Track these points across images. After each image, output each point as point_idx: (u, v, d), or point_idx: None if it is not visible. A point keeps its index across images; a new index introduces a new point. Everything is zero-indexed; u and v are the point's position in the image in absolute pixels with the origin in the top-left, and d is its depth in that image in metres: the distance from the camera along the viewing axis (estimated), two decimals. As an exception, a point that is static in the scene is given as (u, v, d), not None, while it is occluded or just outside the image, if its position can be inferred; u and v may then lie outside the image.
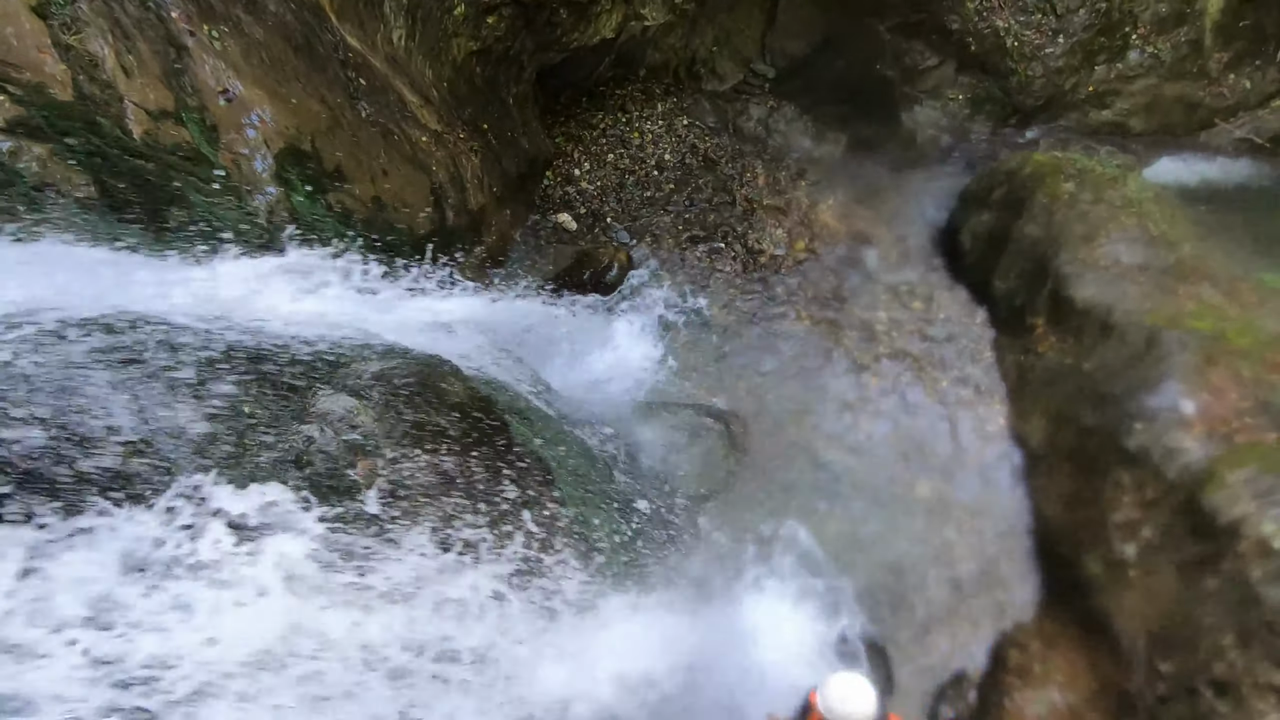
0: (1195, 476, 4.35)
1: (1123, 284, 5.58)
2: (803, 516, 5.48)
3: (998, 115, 8.29)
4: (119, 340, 2.65)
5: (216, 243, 3.66)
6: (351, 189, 4.57)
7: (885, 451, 5.87)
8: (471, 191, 5.84)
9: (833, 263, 7.17)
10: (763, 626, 4.88)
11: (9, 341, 2.38)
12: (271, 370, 2.99)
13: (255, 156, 4.03)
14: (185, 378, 2.68)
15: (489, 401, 3.82)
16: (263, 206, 4.00)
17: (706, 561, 4.98)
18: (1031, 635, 4.92)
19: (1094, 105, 8.26)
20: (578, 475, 4.12)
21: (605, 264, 6.75)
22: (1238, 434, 4.43)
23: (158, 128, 3.62)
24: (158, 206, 3.58)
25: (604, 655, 3.48)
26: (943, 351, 6.47)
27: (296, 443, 2.80)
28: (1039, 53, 7.96)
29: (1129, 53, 8.15)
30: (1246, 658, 3.80)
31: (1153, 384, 4.87)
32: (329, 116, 4.51)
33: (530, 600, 3.21)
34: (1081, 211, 6.09)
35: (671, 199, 7.49)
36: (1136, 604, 4.44)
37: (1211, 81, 8.25)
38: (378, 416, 3.11)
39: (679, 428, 5.56)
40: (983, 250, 6.80)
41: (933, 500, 5.61)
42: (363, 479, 2.89)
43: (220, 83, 3.94)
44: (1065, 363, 5.67)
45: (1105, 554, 4.69)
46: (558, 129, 7.66)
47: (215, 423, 2.63)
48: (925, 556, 5.36)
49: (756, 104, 8.24)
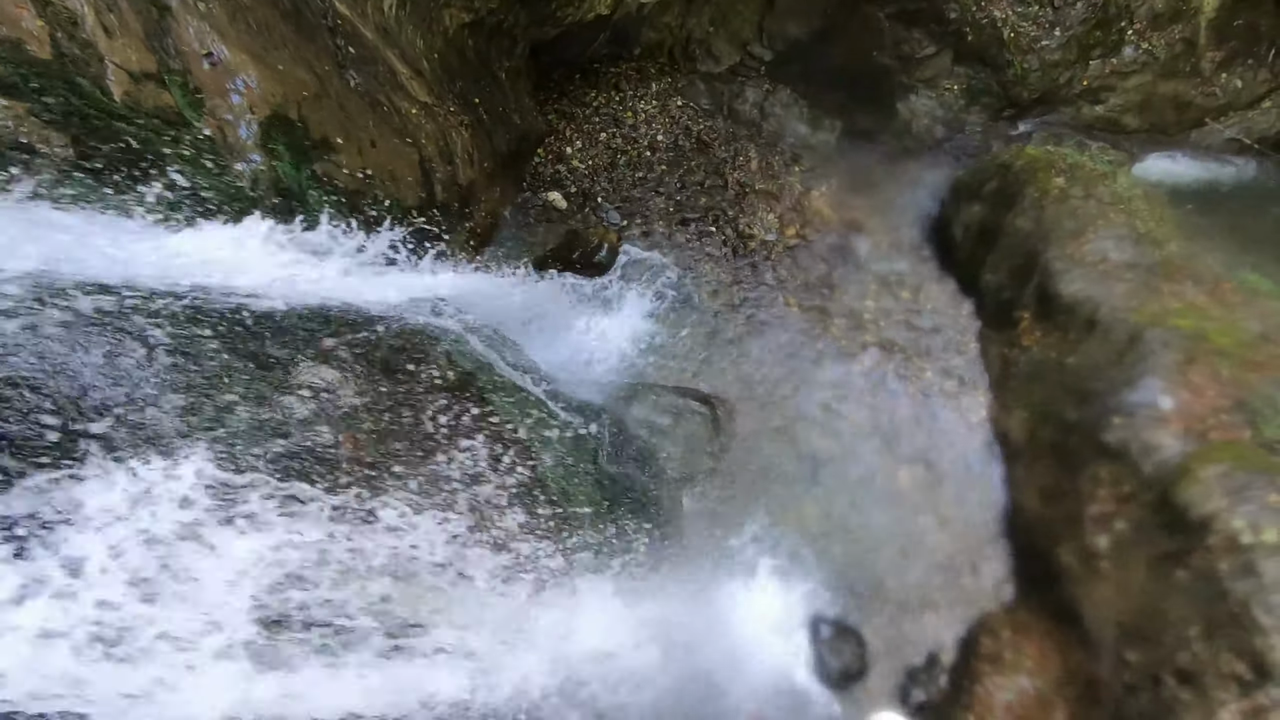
0: (1170, 472, 4.42)
1: (1109, 281, 5.62)
2: (784, 501, 5.53)
3: (993, 107, 8.28)
4: (95, 303, 2.60)
5: (198, 209, 3.59)
6: (338, 159, 4.49)
7: (868, 439, 5.92)
8: (461, 166, 5.76)
9: (823, 250, 7.17)
10: (741, 608, 4.94)
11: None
12: (251, 340, 2.95)
13: (239, 123, 3.94)
14: (163, 343, 2.64)
15: (473, 378, 3.80)
16: (246, 174, 3.92)
17: (687, 543, 5.02)
18: (1004, 623, 5.01)
19: (1088, 100, 8.27)
20: (560, 454, 4.11)
21: (595, 244, 6.71)
22: (1213, 431, 4.50)
23: (139, 90, 3.53)
24: (137, 170, 3.50)
25: (579, 634, 3.50)
26: (929, 342, 6.51)
27: (277, 414, 2.77)
28: (1035, 45, 7.94)
29: (1124, 48, 8.14)
30: (1210, 649, 3.89)
31: (1133, 380, 4.93)
32: (316, 85, 4.42)
33: (501, 578, 3.21)
34: (1072, 207, 6.12)
35: (663, 180, 7.44)
36: (1107, 595, 4.53)
37: (1204, 80, 8.27)
38: (360, 390, 3.08)
39: (664, 410, 5.57)
40: (973, 242, 6.82)
41: (913, 488, 5.68)
42: (345, 452, 2.87)
43: (204, 46, 3.84)
44: (1049, 357, 5.72)
45: (1079, 546, 4.77)
46: (550, 106, 7.56)
47: (192, 392, 2.59)
48: (903, 543, 5.44)
49: (752, 87, 8.17)
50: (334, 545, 2.57)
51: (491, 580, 3.10)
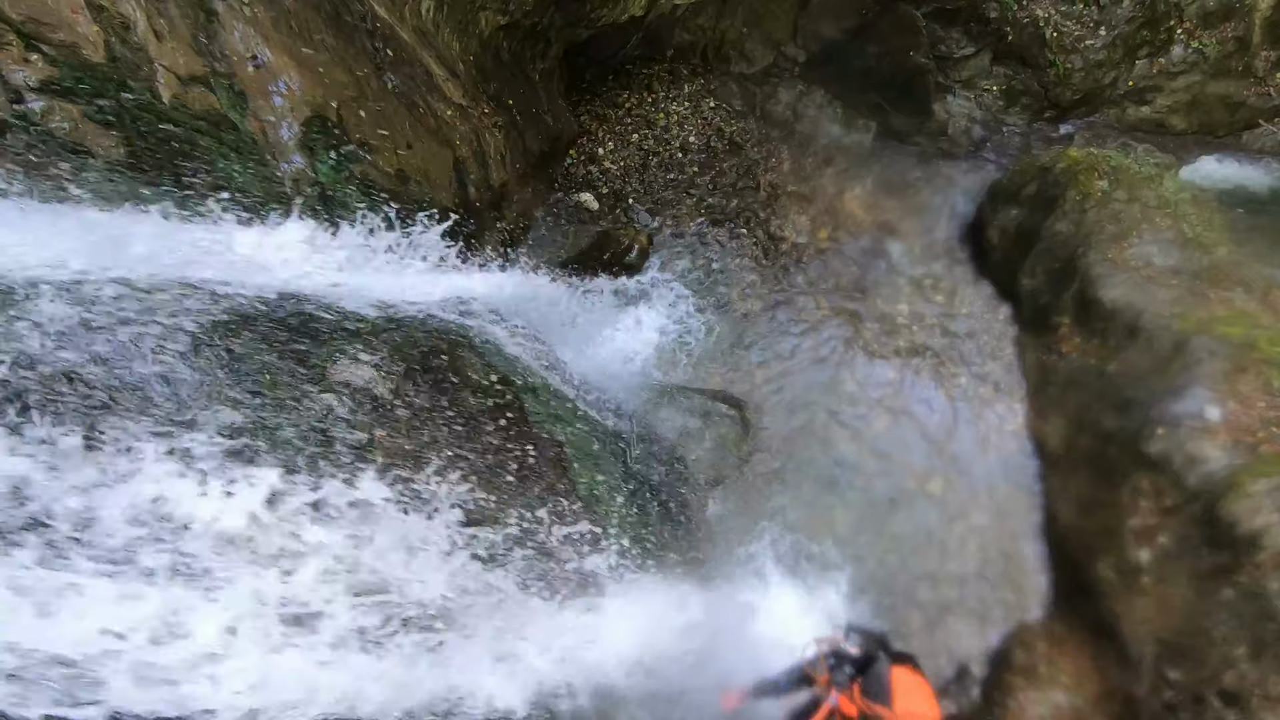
0: (1216, 485, 4.29)
1: (1153, 287, 5.46)
2: (813, 506, 5.48)
3: (1033, 108, 8.10)
4: (144, 301, 2.68)
5: (240, 208, 3.68)
6: (375, 160, 4.56)
7: (899, 445, 5.83)
8: (494, 167, 5.82)
9: (855, 253, 7.08)
10: (767, 613, 4.90)
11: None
12: (291, 337, 3.01)
13: (281, 124, 4.03)
14: (204, 340, 2.71)
15: (505, 378, 3.83)
16: (288, 174, 4.01)
17: (714, 547, 4.99)
18: (1038, 636, 4.90)
19: (1133, 101, 8.04)
20: (590, 455, 4.13)
21: (625, 245, 6.72)
22: (1263, 444, 4.35)
23: (187, 92, 3.63)
24: (184, 171, 3.60)
25: (607, 633, 3.51)
26: (963, 347, 6.39)
27: (315, 410, 2.82)
28: (1079, 45, 7.75)
29: (1173, 47, 7.91)
30: (1258, 669, 3.76)
31: (1178, 390, 4.78)
32: (355, 87, 4.50)
33: (535, 578, 3.23)
34: (1114, 210, 5.96)
35: (695, 182, 7.43)
36: (1148, 611, 4.40)
37: (1257, 81, 8.00)
38: (395, 387, 3.13)
39: (693, 412, 5.55)
40: (1010, 246, 6.68)
41: (945, 496, 5.58)
42: (379, 449, 2.92)
43: (249, 49, 3.94)
44: (1089, 364, 5.57)
45: (1118, 559, 4.65)
46: (582, 107, 7.60)
47: (238, 387, 2.66)
48: (934, 552, 5.35)
49: (785, 88, 8.11)
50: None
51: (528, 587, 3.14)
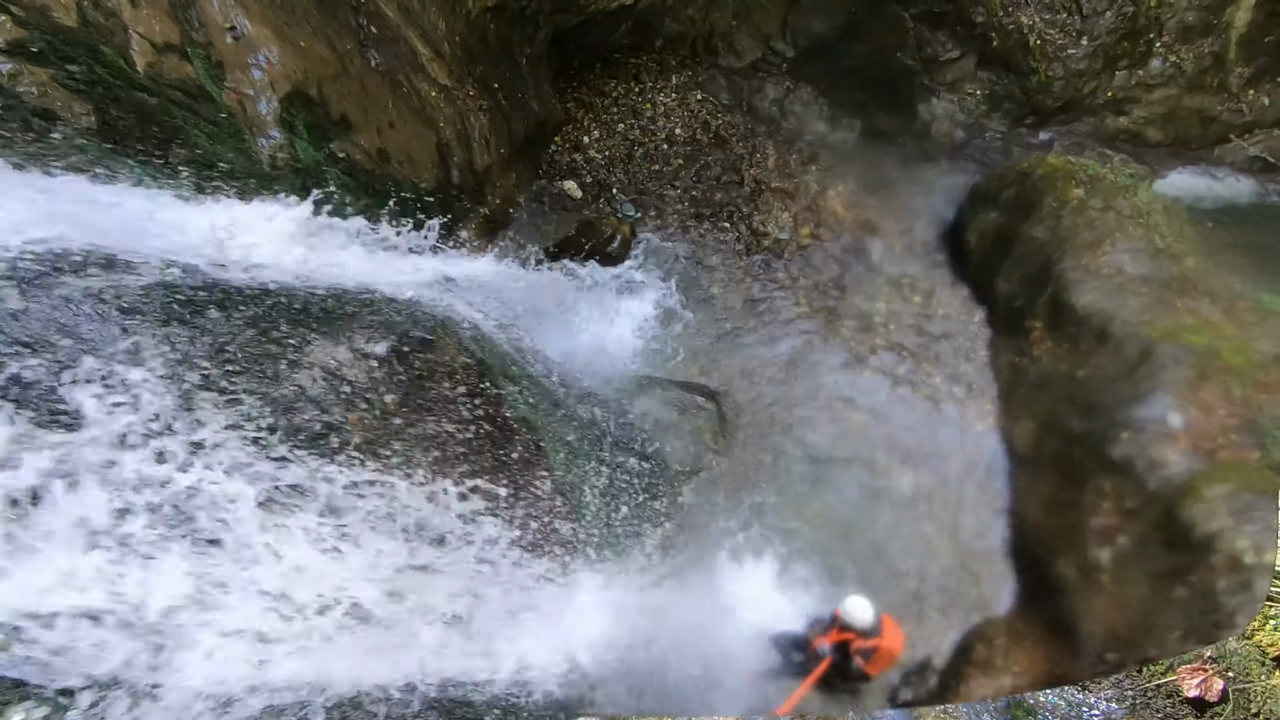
0: (1176, 489, 4.41)
1: (1123, 294, 5.58)
2: (785, 498, 5.54)
3: (1014, 114, 8.20)
4: (113, 278, 2.62)
5: (215, 183, 3.60)
6: (356, 139, 4.49)
7: (872, 442, 5.91)
8: (478, 151, 5.76)
9: (836, 251, 7.14)
10: (737, 600, 4.96)
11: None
12: (264, 316, 2.96)
13: (260, 98, 3.95)
14: (179, 314, 2.66)
15: (483, 364, 3.80)
16: (265, 150, 3.93)
17: (687, 535, 5.02)
18: (1000, 631, 5.02)
19: (1112, 111, 8.18)
20: (568, 444, 4.13)
21: (607, 235, 6.70)
22: (1221, 450, 4.47)
23: (162, 61, 3.53)
24: (158, 142, 3.51)
25: (580, 618, 3.52)
26: (938, 348, 6.49)
27: (287, 391, 2.79)
28: (1061, 53, 7.85)
29: (1151, 60, 8.05)
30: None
31: (1143, 395, 4.91)
32: (337, 63, 4.42)
33: (512, 561, 3.23)
34: (1090, 218, 6.07)
35: (679, 174, 7.42)
36: (1104, 608, 4.52)
37: (1231, 96, 8.17)
38: (370, 370, 3.10)
39: (671, 404, 5.57)
40: (988, 249, 6.78)
41: (916, 493, 5.67)
42: (352, 431, 2.89)
43: (228, 19, 3.84)
44: (1059, 368, 5.69)
45: (1080, 558, 4.77)
46: (569, 94, 7.54)
47: (210, 362, 2.61)
48: (902, 546, 5.44)
49: (773, 84, 8.12)
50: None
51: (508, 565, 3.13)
